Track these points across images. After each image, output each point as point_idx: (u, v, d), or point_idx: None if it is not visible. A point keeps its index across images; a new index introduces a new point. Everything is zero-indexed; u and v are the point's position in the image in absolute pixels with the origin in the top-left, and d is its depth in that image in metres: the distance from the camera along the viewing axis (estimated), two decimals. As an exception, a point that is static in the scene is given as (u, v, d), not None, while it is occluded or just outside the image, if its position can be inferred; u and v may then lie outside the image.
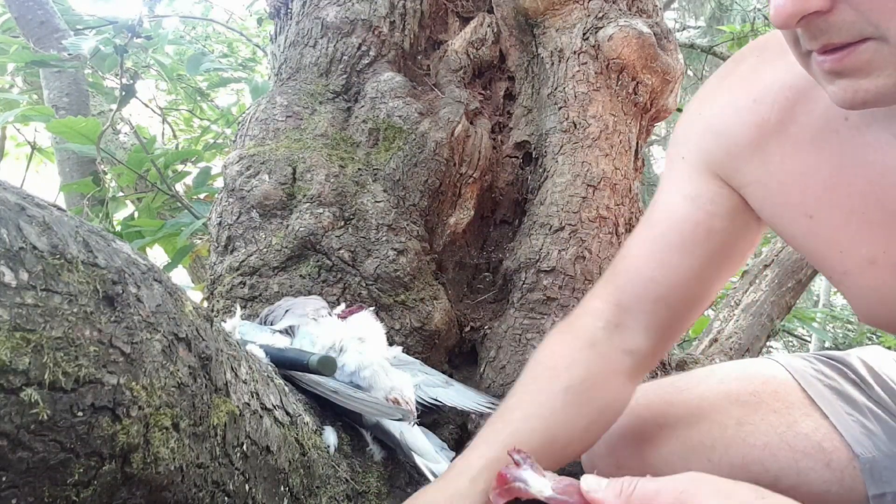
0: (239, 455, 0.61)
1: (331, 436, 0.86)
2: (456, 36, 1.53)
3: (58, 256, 0.42)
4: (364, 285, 1.19)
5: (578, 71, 1.41)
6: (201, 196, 2.17)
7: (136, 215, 2.15)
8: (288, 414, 0.76)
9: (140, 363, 0.47)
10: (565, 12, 1.46)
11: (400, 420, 0.89)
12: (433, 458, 0.90)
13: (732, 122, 0.73)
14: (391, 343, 1.10)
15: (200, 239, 1.95)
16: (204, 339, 0.56)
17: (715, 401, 0.84)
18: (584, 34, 1.42)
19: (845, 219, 0.65)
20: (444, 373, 1.17)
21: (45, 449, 0.41)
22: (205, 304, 1.29)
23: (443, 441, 1.01)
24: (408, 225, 1.26)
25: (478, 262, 1.43)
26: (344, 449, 0.87)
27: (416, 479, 0.93)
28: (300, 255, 1.19)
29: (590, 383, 0.75)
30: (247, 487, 0.62)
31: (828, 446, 0.79)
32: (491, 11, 1.57)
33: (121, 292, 0.46)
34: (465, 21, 1.57)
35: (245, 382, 0.65)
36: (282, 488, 0.69)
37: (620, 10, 1.45)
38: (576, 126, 1.38)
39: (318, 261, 1.19)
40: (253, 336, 0.95)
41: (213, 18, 4.39)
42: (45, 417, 0.40)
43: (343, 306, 1.10)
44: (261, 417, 0.67)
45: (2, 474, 0.39)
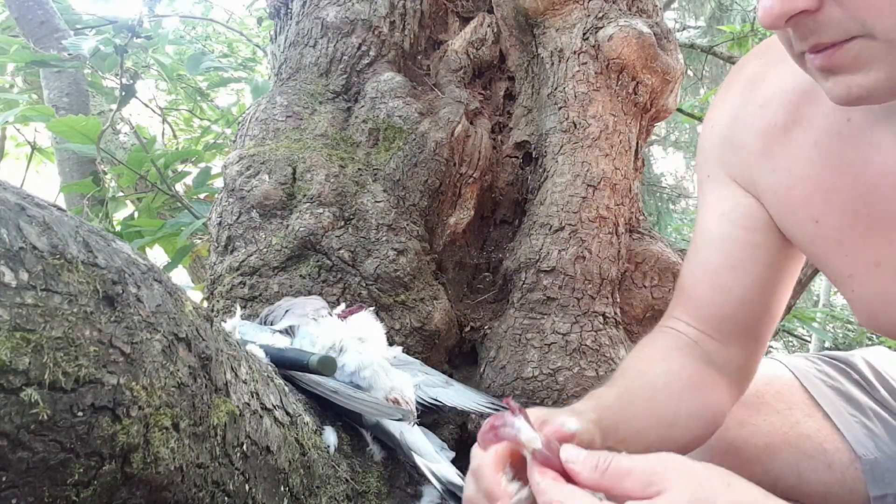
0: (239, 455, 0.61)
1: (331, 436, 0.85)
2: (456, 36, 1.53)
3: (58, 256, 0.42)
4: (364, 285, 1.19)
5: (578, 71, 1.41)
6: (201, 196, 2.16)
7: (136, 215, 2.14)
8: (288, 414, 0.76)
9: (140, 363, 0.47)
10: (565, 12, 1.46)
11: (400, 420, 0.89)
12: (433, 458, 0.90)
13: (742, 129, 0.73)
14: (391, 343, 1.10)
15: (200, 239, 1.95)
16: (204, 339, 0.56)
17: None
18: (584, 34, 1.42)
19: (850, 221, 0.65)
20: (444, 373, 1.17)
21: (45, 449, 0.41)
22: (205, 304, 1.29)
23: (443, 441, 1.01)
24: (408, 225, 1.26)
25: (478, 262, 1.43)
26: (344, 449, 0.87)
27: (416, 479, 0.93)
28: (300, 255, 1.19)
29: (686, 374, 0.74)
30: (247, 487, 0.62)
31: (829, 447, 0.78)
32: (491, 11, 1.57)
33: (121, 292, 0.46)
34: (465, 21, 1.57)
35: (245, 382, 0.65)
36: (282, 488, 0.69)
37: (620, 10, 1.45)
38: (576, 126, 1.38)
39: (318, 261, 1.19)
40: (253, 336, 0.95)
41: (213, 18, 4.39)
42: (45, 417, 0.40)
43: (343, 306, 1.10)
44: (261, 417, 0.67)
45: (2, 474, 0.39)
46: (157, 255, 2.22)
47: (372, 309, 1.08)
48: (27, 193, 0.45)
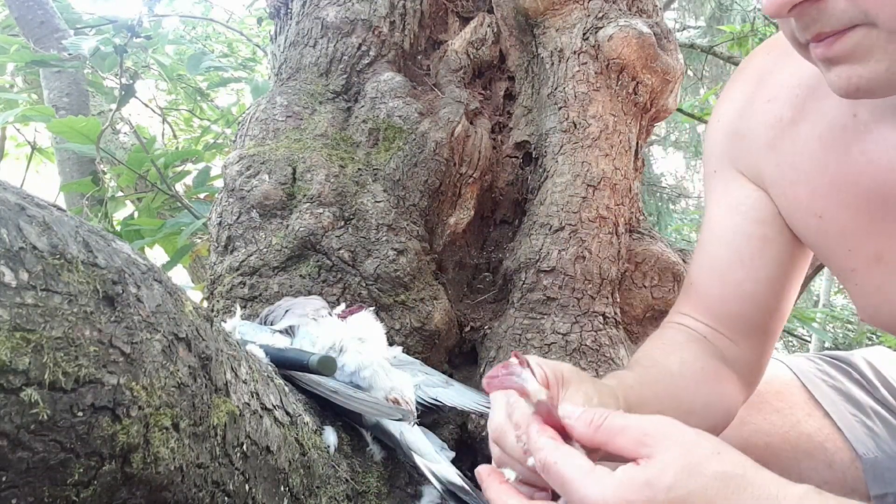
0: (239, 455, 0.61)
1: (331, 436, 0.85)
2: (456, 36, 1.53)
3: (58, 256, 0.42)
4: (364, 285, 1.19)
5: (578, 71, 1.41)
6: (201, 196, 2.16)
7: (136, 215, 2.14)
8: (288, 414, 0.76)
9: (140, 363, 0.47)
10: (565, 12, 1.46)
11: (400, 420, 0.89)
12: (433, 458, 0.90)
13: (749, 122, 0.73)
14: (391, 343, 1.10)
15: (200, 239, 1.95)
16: (204, 339, 0.56)
17: None
18: (584, 34, 1.42)
19: (853, 216, 0.65)
20: (444, 373, 1.17)
21: (45, 449, 0.40)
22: (205, 304, 1.29)
23: (443, 441, 1.00)
24: (408, 225, 1.26)
25: (478, 262, 1.43)
26: (344, 449, 0.87)
27: (416, 479, 0.93)
28: (300, 255, 1.19)
29: (700, 365, 0.73)
30: (247, 487, 0.62)
31: (830, 447, 0.79)
32: (491, 11, 1.57)
33: (121, 292, 0.46)
34: (465, 21, 1.57)
35: (245, 382, 0.65)
36: (282, 488, 0.69)
37: (620, 10, 1.45)
38: (576, 126, 1.38)
39: (318, 261, 1.19)
40: (253, 336, 0.95)
41: (213, 18, 4.39)
42: (45, 417, 0.40)
43: (343, 306, 1.10)
44: (261, 417, 0.67)
45: (2, 474, 0.39)
46: (157, 255, 2.22)
47: (372, 309, 1.08)
48: (27, 193, 0.45)
